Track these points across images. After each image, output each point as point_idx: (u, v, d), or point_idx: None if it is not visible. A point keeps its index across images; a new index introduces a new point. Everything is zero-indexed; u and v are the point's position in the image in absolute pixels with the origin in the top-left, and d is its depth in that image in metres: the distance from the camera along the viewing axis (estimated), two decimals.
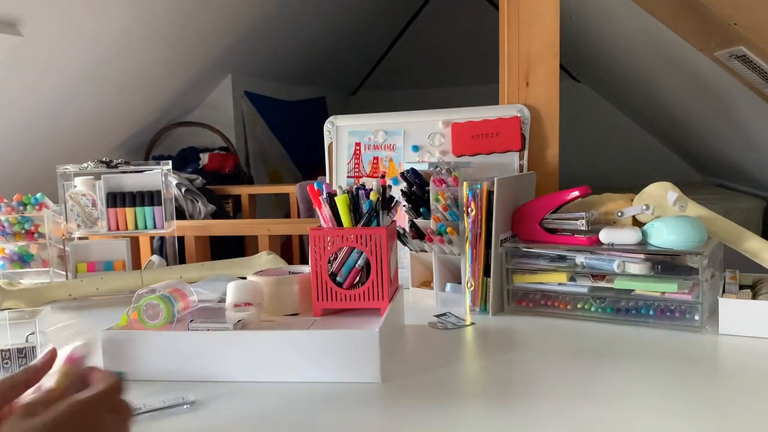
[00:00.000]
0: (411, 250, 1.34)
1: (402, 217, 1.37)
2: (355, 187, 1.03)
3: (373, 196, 1.01)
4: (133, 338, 0.92)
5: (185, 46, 2.94)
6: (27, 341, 0.92)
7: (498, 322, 1.16)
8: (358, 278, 1.01)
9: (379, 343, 0.87)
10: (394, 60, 5.73)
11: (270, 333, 0.91)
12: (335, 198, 1.01)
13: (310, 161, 4.34)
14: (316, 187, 1.04)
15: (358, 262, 1.00)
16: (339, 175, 1.56)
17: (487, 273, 1.20)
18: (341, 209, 1.01)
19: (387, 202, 1.04)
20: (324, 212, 1.03)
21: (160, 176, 1.60)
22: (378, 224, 1.01)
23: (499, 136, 1.46)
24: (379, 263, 0.99)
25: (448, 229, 1.22)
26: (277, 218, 3.62)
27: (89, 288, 1.42)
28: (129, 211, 1.59)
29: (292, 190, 3.02)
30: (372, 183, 1.03)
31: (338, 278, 1.01)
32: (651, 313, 1.09)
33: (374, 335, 0.88)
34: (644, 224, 1.15)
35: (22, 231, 1.56)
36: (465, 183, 1.21)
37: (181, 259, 1.94)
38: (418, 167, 1.34)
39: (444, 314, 1.21)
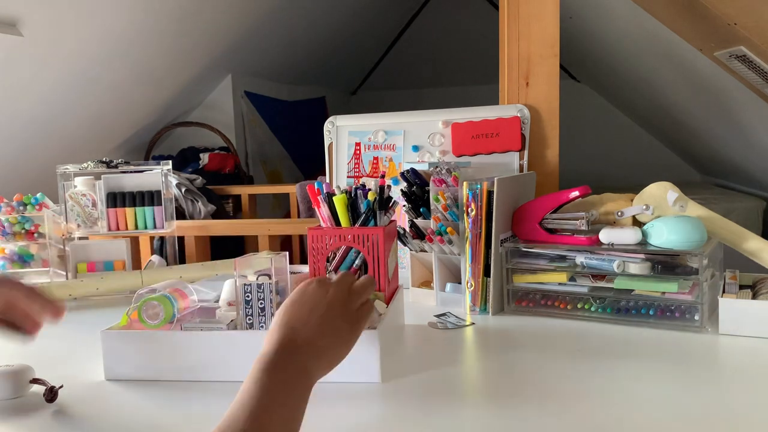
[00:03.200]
0: (411, 250, 1.34)
1: (402, 217, 1.37)
2: (353, 187, 1.03)
3: (370, 196, 1.01)
4: (133, 338, 0.92)
5: (185, 45, 2.94)
6: None
7: (498, 322, 1.16)
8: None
9: (379, 343, 0.87)
10: (394, 60, 5.73)
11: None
12: (333, 197, 1.01)
13: (310, 161, 4.35)
14: (315, 187, 1.04)
15: (356, 262, 1.00)
16: (339, 175, 1.56)
17: (487, 273, 1.20)
18: (339, 209, 1.01)
19: (384, 202, 1.04)
20: (322, 212, 1.03)
21: (160, 176, 1.60)
22: (375, 224, 1.01)
23: (499, 136, 1.46)
24: (376, 263, 0.99)
25: (448, 229, 1.22)
26: (277, 218, 3.62)
27: (89, 288, 1.42)
28: (129, 211, 1.59)
29: (292, 190, 3.03)
30: (372, 183, 1.03)
31: None
32: (651, 313, 1.09)
33: (374, 335, 0.87)
34: (644, 224, 1.15)
35: (22, 231, 1.56)
36: (465, 183, 1.21)
37: (181, 259, 1.94)
38: (418, 167, 1.34)
39: (444, 314, 1.21)
